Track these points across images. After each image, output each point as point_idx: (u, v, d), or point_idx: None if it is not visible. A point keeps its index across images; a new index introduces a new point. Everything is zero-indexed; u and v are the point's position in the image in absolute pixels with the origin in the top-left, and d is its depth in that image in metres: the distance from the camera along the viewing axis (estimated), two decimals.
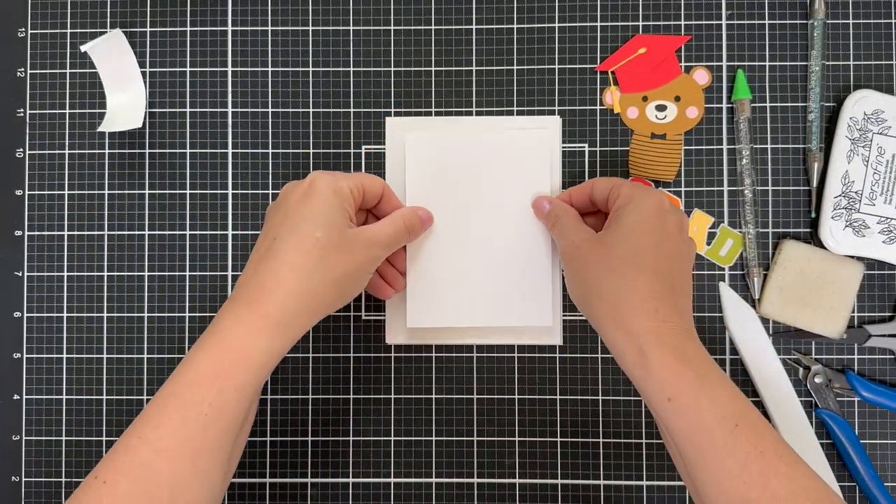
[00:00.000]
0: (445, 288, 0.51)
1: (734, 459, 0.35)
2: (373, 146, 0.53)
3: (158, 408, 0.38)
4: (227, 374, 0.39)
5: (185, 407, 0.38)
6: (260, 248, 0.43)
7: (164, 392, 0.39)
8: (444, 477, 0.52)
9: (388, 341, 0.53)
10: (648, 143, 0.52)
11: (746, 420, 0.37)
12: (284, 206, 0.44)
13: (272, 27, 0.54)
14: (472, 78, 0.53)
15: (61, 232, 0.54)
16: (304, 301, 0.41)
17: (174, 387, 0.39)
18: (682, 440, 0.38)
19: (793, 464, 0.36)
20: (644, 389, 0.39)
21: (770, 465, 0.35)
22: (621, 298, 0.40)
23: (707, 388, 0.37)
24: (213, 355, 0.39)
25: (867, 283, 0.52)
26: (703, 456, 0.36)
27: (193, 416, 0.38)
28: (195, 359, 0.39)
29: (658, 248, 0.42)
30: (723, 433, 0.36)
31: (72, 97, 0.54)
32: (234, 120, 0.54)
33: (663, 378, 0.38)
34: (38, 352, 0.54)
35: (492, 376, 0.53)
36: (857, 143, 0.50)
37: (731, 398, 0.37)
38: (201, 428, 0.38)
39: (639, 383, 0.40)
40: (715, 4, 0.53)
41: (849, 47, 0.52)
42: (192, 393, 0.38)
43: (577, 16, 0.53)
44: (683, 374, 0.37)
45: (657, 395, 0.38)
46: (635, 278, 0.40)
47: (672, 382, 0.38)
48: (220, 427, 0.38)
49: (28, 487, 0.53)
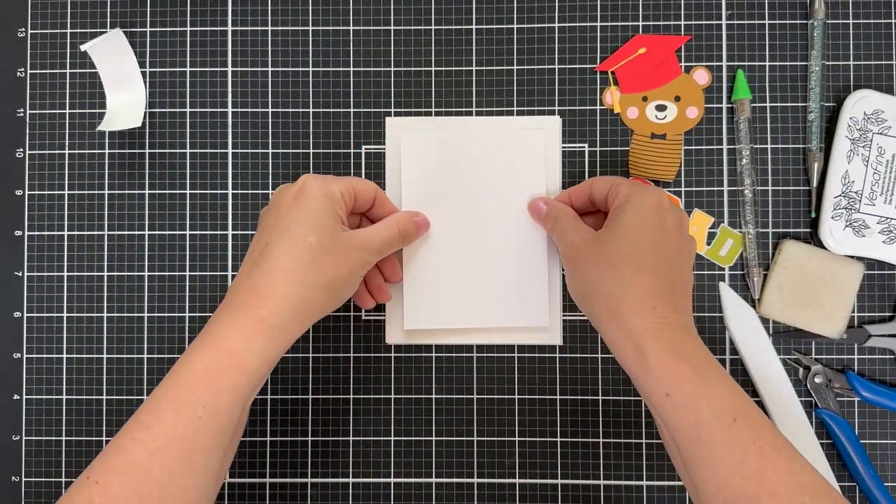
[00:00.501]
0: (442, 289, 0.51)
1: (731, 455, 0.35)
2: (373, 146, 0.53)
3: (152, 409, 0.38)
4: (222, 375, 0.39)
5: (180, 408, 0.38)
6: (254, 252, 0.43)
7: (158, 393, 0.39)
8: (444, 477, 0.52)
9: (388, 341, 0.53)
10: (648, 143, 0.52)
11: (745, 416, 0.37)
12: (276, 209, 0.44)
13: (272, 27, 0.54)
14: (472, 78, 0.53)
15: (61, 232, 0.54)
16: (297, 305, 0.41)
17: (168, 388, 0.39)
18: (680, 436, 0.38)
19: (791, 459, 0.36)
20: (642, 386, 0.39)
21: (768, 460, 0.35)
22: (620, 297, 0.40)
23: (705, 385, 0.37)
24: (208, 357, 0.39)
25: (867, 283, 0.52)
26: (701, 452, 0.36)
27: (188, 417, 0.38)
28: (190, 360, 0.39)
29: (657, 246, 0.42)
30: (721, 429, 0.36)
31: (72, 97, 0.54)
32: (234, 120, 0.54)
33: (661, 374, 0.38)
34: (38, 352, 0.54)
35: (492, 376, 0.53)
36: (857, 143, 0.50)
37: (729, 394, 0.37)
38: (195, 429, 0.38)
39: (637, 380, 0.40)
40: (715, 4, 0.53)
41: (849, 47, 0.52)
42: (186, 394, 0.38)
43: (577, 16, 0.53)
44: (682, 371, 0.38)
45: (655, 392, 0.38)
46: (634, 276, 0.41)
47: (670, 378, 0.38)
48: (214, 428, 0.38)
49: (28, 487, 0.53)
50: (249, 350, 0.40)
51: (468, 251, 0.51)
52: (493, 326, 0.52)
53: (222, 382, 0.39)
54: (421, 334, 0.52)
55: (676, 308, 0.40)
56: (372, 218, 0.50)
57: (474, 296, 0.51)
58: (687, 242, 0.44)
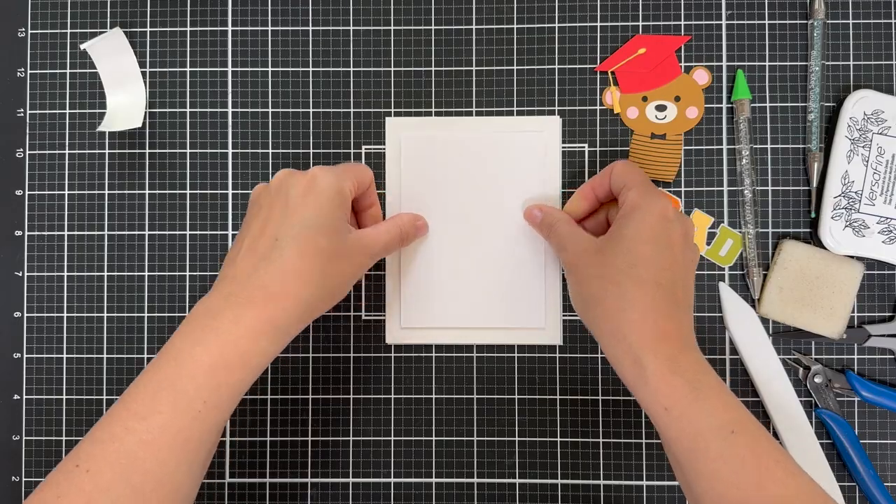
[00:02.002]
0: (439, 287, 0.51)
1: (729, 466, 0.36)
2: (373, 146, 0.53)
3: (147, 398, 0.38)
4: (226, 371, 0.38)
5: (179, 400, 0.37)
6: (258, 243, 0.42)
7: (153, 383, 0.38)
8: (444, 477, 0.52)
9: (389, 341, 0.53)
10: (649, 143, 0.52)
11: (742, 428, 0.37)
12: (284, 198, 0.43)
13: (272, 27, 0.54)
14: (472, 78, 0.53)
15: (61, 232, 0.54)
16: (304, 308, 0.41)
17: (166, 378, 0.38)
18: (679, 449, 0.38)
19: (789, 470, 0.36)
20: (642, 399, 0.40)
21: (766, 471, 0.35)
22: (621, 311, 0.40)
23: (702, 400, 0.37)
24: (212, 351, 0.38)
25: (867, 283, 0.52)
26: (699, 464, 0.37)
27: (186, 409, 0.37)
28: (192, 353, 0.39)
29: (659, 259, 0.41)
30: (718, 441, 0.36)
31: (72, 97, 0.54)
32: (234, 120, 0.54)
33: (659, 389, 0.38)
34: (38, 352, 0.54)
35: (492, 376, 0.53)
36: (856, 143, 0.50)
37: (725, 408, 0.38)
38: (192, 421, 0.37)
39: (637, 393, 0.40)
40: (715, 4, 0.53)
41: (849, 47, 0.52)
42: (188, 387, 0.38)
43: (577, 16, 0.53)
44: (677, 386, 0.38)
45: (654, 406, 0.39)
46: (636, 291, 0.40)
47: (668, 394, 0.38)
48: (211, 421, 0.38)
49: (28, 487, 0.53)
50: (255, 348, 0.39)
51: (466, 250, 0.51)
52: (490, 326, 0.52)
53: (226, 378, 0.38)
54: (418, 332, 0.52)
55: (676, 321, 0.40)
56: (356, 206, 0.49)
57: (471, 295, 0.51)
58: (691, 251, 0.44)
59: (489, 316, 0.52)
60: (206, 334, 0.39)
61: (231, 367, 0.39)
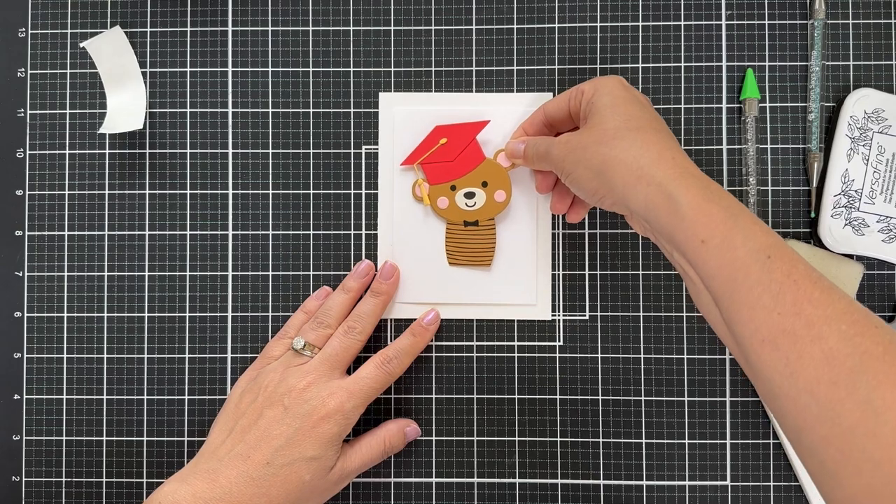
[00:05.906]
0: (432, 264, 0.52)
1: (768, 292, 0.35)
2: (373, 146, 0.53)
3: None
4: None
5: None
6: (250, 460, 0.44)
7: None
8: (444, 477, 0.52)
9: (383, 315, 0.53)
10: (462, 231, 0.52)
11: (778, 252, 0.36)
12: (301, 416, 0.45)
13: (272, 27, 0.54)
14: (472, 78, 0.53)
15: (61, 232, 0.54)
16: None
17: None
18: (717, 283, 0.37)
19: (827, 289, 0.34)
20: (676, 238, 0.39)
21: (804, 293, 0.34)
22: (639, 157, 0.40)
23: (739, 224, 0.37)
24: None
25: (867, 282, 0.52)
26: (737, 294, 0.36)
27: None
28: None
29: (643, 112, 0.42)
30: (756, 266, 0.35)
31: (72, 97, 0.54)
32: (234, 120, 0.54)
33: (696, 220, 0.37)
34: (38, 352, 0.54)
35: (492, 376, 0.53)
36: (857, 141, 0.50)
37: (763, 232, 0.37)
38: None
39: (672, 233, 0.39)
40: (715, 4, 0.53)
41: (849, 47, 0.52)
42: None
43: (577, 16, 0.53)
44: (715, 213, 0.37)
45: (690, 240, 0.38)
46: (643, 137, 0.41)
47: (705, 223, 0.37)
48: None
49: (28, 487, 0.53)
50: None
51: None
52: (482, 302, 0.52)
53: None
54: (411, 308, 0.53)
55: (688, 160, 0.40)
56: None
57: (463, 271, 0.52)
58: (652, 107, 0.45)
59: (481, 292, 0.52)
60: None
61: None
